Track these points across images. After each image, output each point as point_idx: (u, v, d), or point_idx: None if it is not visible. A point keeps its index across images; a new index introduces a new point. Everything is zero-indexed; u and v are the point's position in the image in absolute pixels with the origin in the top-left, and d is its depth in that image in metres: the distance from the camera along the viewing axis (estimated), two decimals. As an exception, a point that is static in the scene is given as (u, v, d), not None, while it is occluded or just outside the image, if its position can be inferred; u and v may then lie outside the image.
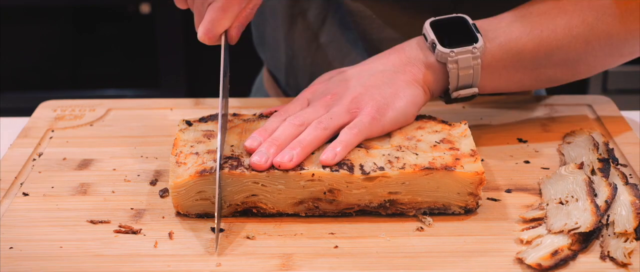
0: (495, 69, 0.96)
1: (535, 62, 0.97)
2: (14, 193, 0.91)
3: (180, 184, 0.84)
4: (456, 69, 0.94)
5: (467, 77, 0.95)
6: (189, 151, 0.88)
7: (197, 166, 0.85)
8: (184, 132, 0.92)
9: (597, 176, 0.88)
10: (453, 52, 0.93)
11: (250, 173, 0.84)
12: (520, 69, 0.97)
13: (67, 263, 0.79)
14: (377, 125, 0.90)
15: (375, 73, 0.95)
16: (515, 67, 0.96)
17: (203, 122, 0.94)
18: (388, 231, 0.84)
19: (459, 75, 0.94)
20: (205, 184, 0.84)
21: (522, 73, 0.98)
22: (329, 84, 0.96)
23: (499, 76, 0.97)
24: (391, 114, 0.91)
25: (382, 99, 0.91)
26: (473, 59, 0.93)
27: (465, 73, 0.94)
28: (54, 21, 2.36)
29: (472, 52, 0.93)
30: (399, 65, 0.95)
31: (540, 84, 1.01)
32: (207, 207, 0.85)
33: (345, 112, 0.90)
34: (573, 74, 1.00)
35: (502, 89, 1.00)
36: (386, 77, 0.94)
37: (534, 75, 0.98)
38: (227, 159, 0.86)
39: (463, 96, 0.96)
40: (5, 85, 2.32)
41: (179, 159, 0.86)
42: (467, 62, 0.93)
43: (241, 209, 0.86)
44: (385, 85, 0.93)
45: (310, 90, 0.97)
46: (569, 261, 0.78)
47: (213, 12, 0.90)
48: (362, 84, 0.93)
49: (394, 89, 0.93)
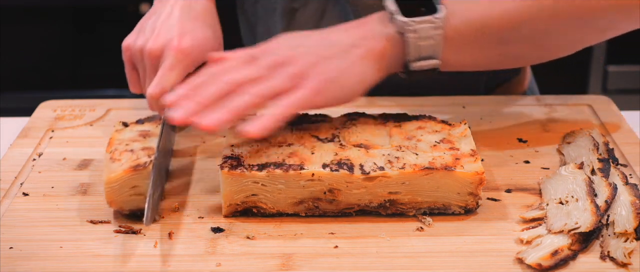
0: (460, 42, 0.92)
1: (501, 37, 0.93)
2: (14, 193, 0.91)
3: (113, 179, 0.83)
4: (416, 38, 0.90)
5: (428, 48, 0.91)
6: (124, 149, 0.88)
7: (131, 161, 0.85)
8: (120, 133, 0.92)
9: (597, 176, 0.88)
10: (413, 21, 0.90)
11: (250, 173, 0.84)
12: (486, 44, 0.93)
13: (67, 263, 0.79)
14: (317, 100, 0.87)
15: (330, 45, 0.91)
16: (480, 41, 0.93)
17: (139, 123, 0.95)
18: (388, 231, 0.84)
19: (418, 46, 0.91)
20: (139, 179, 0.84)
21: (488, 48, 0.94)
22: (281, 45, 0.91)
23: (464, 51, 0.93)
24: (336, 90, 0.88)
25: (330, 73, 0.88)
26: (434, 28, 0.90)
27: (426, 43, 0.91)
28: (54, 21, 2.36)
29: (432, 22, 0.90)
30: (357, 39, 0.91)
31: (508, 61, 0.98)
32: (141, 202, 0.85)
33: (288, 81, 0.87)
34: (543, 51, 0.96)
35: (468, 66, 0.97)
36: (341, 50, 0.90)
37: (500, 50, 0.94)
38: (227, 158, 0.86)
39: (423, 68, 0.92)
40: (5, 85, 2.32)
41: (113, 156, 0.86)
42: (427, 32, 0.90)
43: (241, 208, 0.86)
44: (336, 59, 0.89)
45: (261, 48, 0.91)
46: (569, 261, 0.78)
47: (162, 70, 0.93)
48: (314, 53, 0.89)
49: (345, 64, 0.89)
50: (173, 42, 0.95)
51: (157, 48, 0.96)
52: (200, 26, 0.99)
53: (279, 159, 0.86)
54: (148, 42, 0.97)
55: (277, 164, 0.85)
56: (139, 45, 0.98)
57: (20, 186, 0.92)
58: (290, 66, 0.88)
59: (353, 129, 0.92)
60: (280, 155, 0.86)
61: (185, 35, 0.96)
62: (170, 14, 0.99)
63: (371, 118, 0.95)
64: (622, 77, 2.28)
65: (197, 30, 0.98)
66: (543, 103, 1.12)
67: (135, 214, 0.85)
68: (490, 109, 1.10)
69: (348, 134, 0.91)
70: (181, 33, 0.96)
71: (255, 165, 0.85)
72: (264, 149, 0.88)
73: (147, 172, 0.83)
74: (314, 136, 0.90)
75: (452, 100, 1.12)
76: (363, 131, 0.92)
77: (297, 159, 0.86)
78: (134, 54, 0.99)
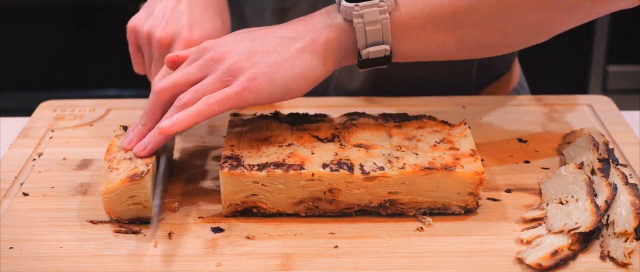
0: (411, 28, 0.89)
1: (455, 21, 0.89)
2: (14, 193, 0.91)
3: (111, 190, 0.83)
4: (362, 23, 0.87)
5: (376, 33, 0.88)
6: (123, 157, 0.88)
7: (129, 170, 0.85)
8: (120, 138, 0.92)
9: (597, 176, 0.88)
10: (358, 5, 0.87)
11: (250, 173, 0.84)
12: (440, 29, 0.89)
13: (67, 263, 0.79)
14: (246, 96, 0.85)
15: (271, 39, 0.88)
16: (433, 26, 0.89)
17: None
18: (388, 231, 0.84)
19: (366, 32, 0.87)
20: (136, 189, 0.83)
21: (443, 34, 0.90)
22: (222, 41, 0.90)
23: (417, 37, 0.90)
24: (268, 86, 0.86)
25: (264, 68, 0.86)
26: (380, 13, 0.87)
27: (373, 28, 0.88)
28: (54, 21, 2.36)
29: (379, 6, 0.87)
30: (301, 32, 0.89)
31: (468, 49, 0.93)
32: (139, 211, 0.84)
33: (217, 82, 0.86)
34: (505, 37, 0.91)
35: (425, 55, 0.93)
36: (280, 44, 0.88)
37: (457, 36, 0.90)
38: (227, 158, 0.86)
39: (374, 56, 0.89)
40: (5, 85, 2.32)
41: (111, 165, 0.86)
42: (373, 16, 0.87)
43: (241, 208, 0.86)
44: (274, 53, 0.87)
45: (204, 45, 0.90)
46: (569, 261, 0.78)
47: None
48: (249, 49, 0.87)
49: (282, 59, 0.87)
50: (183, 32, 0.94)
51: (166, 37, 0.95)
52: (210, 16, 0.98)
53: (279, 159, 0.86)
54: (157, 30, 0.96)
55: (277, 164, 0.85)
56: (146, 30, 0.97)
57: (20, 186, 0.92)
58: (221, 65, 0.86)
59: (353, 129, 0.92)
60: (280, 155, 0.86)
61: (195, 26, 0.95)
62: (179, 0, 0.98)
63: (371, 118, 0.95)
64: (622, 77, 2.28)
65: (206, 20, 0.97)
66: (543, 103, 1.12)
67: (134, 221, 0.85)
68: (490, 109, 1.10)
69: (348, 134, 0.91)
70: (191, 23, 0.95)
71: (255, 165, 0.85)
72: (264, 149, 0.88)
73: (145, 181, 0.83)
74: (314, 136, 0.90)
75: (452, 101, 1.12)
76: (363, 131, 0.92)
77: (297, 159, 0.86)
78: (141, 38, 0.98)
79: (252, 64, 0.86)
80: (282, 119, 0.94)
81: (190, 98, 0.85)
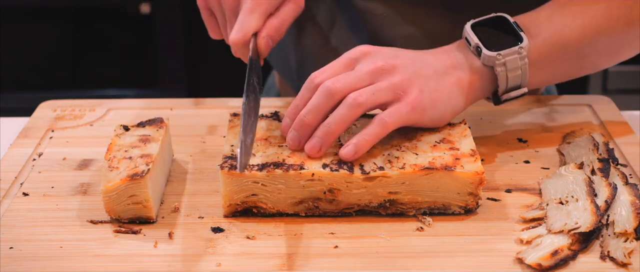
0: (542, 64, 0.94)
1: (580, 52, 0.95)
2: (14, 193, 0.91)
3: (111, 189, 0.83)
4: (505, 71, 0.91)
5: (516, 78, 0.92)
6: (123, 156, 0.87)
7: (129, 170, 0.84)
8: (120, 137, 0.91)
9: (597, 176, 0.88)
10: (500, 54, 0.90)
11: (250, 173, 0.84)
12: (566, 61, 0.95)
13: (67, 263, 0.79)
14: (413, 118, 0.87)
15: (427, 65, 0.90)
16: (560, 59, 0.95)
17: (141, 127, 0.94)
18: (388, 231, 0.84)
19: (508, 78, 0.92)
20: (136, 188, 0.83)
21: (568, 64, 0.96)
22: (381, 52, 0.90)
23: (545, 71, 0.95)
24: (431, 112, 0.88)
25: (429, 94, 0.88)
26: (520, 59, 0.91)
27: (514, 74, 0.92)
28: (54, 21, 2.36)
29: (519, 53, 0.91)
30: (447, 67, 0.92)
31: (584, 71, 1.00)
32: (139, 211, 0.84)
33: (390, 91, 0.86)
34: (617, 59, 0.99)
35: (549, 82, 1.00)
36: (436, 72, 0.90)
37: (579, 64, 0.97)
38: (227, 158, 0.86)
39: (513, 97, 0.94)
40: (5, 85, 2.32)
41: (111, 164, 0.86)
42: (515, 64, 0.91)
43: (241, 208, 0.86)
44: (433, 81, 0.89)
45: (359, 50, 0.90)
46: (569, 261, 0.78)
47: (242, 15, 0.92)
48: (414, 68, 0.89)
49: (441, 88, 0.89)
50: None
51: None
52: None
53: (279, 159, 0.86)
54: None
55: (277, 164, 0.85)
56: None
57: (20, 186, 0.92)
58: (394, 76, 0.87)
59: (353, 129, 0.92)
60: (280, 155, 0.86)
61: None
62: None
63: (371, 118, 0.95)
64: (622, 77, 2.28)
65: None
66: (543, 103, 1.12)
67: (134, 221, 0.85)
68: (490, 109, 1.10)
69: (348, 134, 0.91)
70: None
71: (255, 165, 0.85)
72: (264, 149, 0.88)
73: (145, 181, 0.83)
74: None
75: (452, 100, 1.12)
76: (363, 131, 0.92)
77: (297, 159, 0.86)
78: (210, 0, 0.98)
79: (419, 87, 0.88)
80: (282, 119, 0.94)
81: (366, 99, 0.85)
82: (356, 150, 0.84)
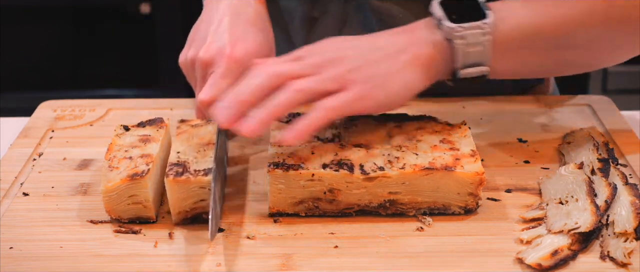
0: (510, 49, 0.91)
1: (554, 44, 0.91)
2: (14, 193, 0.91)
3: (111, 189, 0.83)
4: (464, 44, 0.89)
5: (476, 54, 0.89)
6: (123, 156, 0.87)
7: (129, 170, 0.84)
8: (120, 137, 0.91)
9: (597, 176, 0.88)
10: (460, 27, 0.88)
11: (196, 179, 0.82)
12: (538, 51, 0.91)
13: (67, 263, 0.79)
14: (359, 105, 0.85)
15: (376, 49, 0.89)
16: (532, 47, 0.91)
17: (141, 127, 0.94)
18: (388, 231, 0.84)
19: (466, 52, 0.89)
20: (136, 188, 0.83)
21: (541, 55, 0.92)
22: (327, 47, 0.89)
23: (515, 57, 0.92)
24: (380, 96, 0.86)
25: (376, 78, 0.86)
26: (482, 34, 0.88)
27: (474, 50, 0.89)
28: (54, 21, 2.36)
29: (481, 28, 0.88)
30: (404, 45, 0.89)
31: (560, 68, 0.97)
32: (139, 211, 0.84)
33: (335, 81, 0.85)
34: (597, 58, 0.95)
35: (519, 73, 0.95)
36: (387, 54, 0.88)
37: (553, 58, 0.93)
38: (173, 165, 0.85)
39: (472, 75, 0.90)
40: (5, 85, 2.32)
41: (111, 164, 0.86)
42: (475, 38, 0.89)
43: (190, 215, 0.85)
44: (383, 63, 0.87)
45: (306, 49, 0.89)
46: (569, 261, 0.78)
47: (213, 78, 0.88)
48: (360, 56, 0.87)
49: (391, 70, 0.87)
50: (225, 50, 0.92)
51: (209, 57, 0.92)
52: (252, 32, 0.96)
53: (279, 159, 0.86)
54: (200, 52, 0.93)
55: (277, 164, 0.85)
56: (191, 56, 0.95)
57: (21, 186, 0.93)
58: (336, 67, 0.86)
59: (353, 129, 0.92)
60: (280, 155, 0.86)
61: (238, 42, 0.93)
62: (220, 21, 0.96)
63: (371, 118, 0.95)
64: (622, 77, 2.28)
65: (249, 36, 0.94)
66: (543, 103, 1.12)
67: (134, 221, 0.85)
68: (490, 109, 1.10)
69: (348, 134, 0.91)
70: (233, 41, 0.93)
71: (201, 170, 0.84)
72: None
73: (145, 181, 0.83)
74: (314, 136, 0.90)
75: (452, 101, 1.12)
76: (363, 131, 0.92)
77: (297, 159, 0.86)
78: (188, 67, 0.96)
79: (365, 73, 0.86)
80: (281, 119, 0.94)
81: (309, 87, 0.83)
82: (295, 135, 0.82)
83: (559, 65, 0.95)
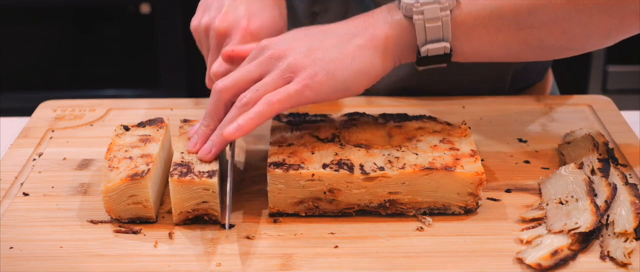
0: (472, 27, 0.88)
1: (518, 21, 0.88)
2: (14, 193, 0.91)
3: (111, 189, 0.83)
4: (422, 20, 0.87)
5: (436, 30, 0.87)
6: (123, 156, 0.87)
7: (129, 170, 0.84)
8: (120, 137, 0.91)
9: (597, 176, 0.88)
10: (418, 2, 0.86)
11: (200, 180, 0.83)
12: (503, 29, 0.88)
13: (67, 263, 0.79)
14: (308, 94, 0.84)
15: (331, 35, 0.88)
16: (495, 26, 0.88)
17: (141, 127, 0.94)
18: (388, 231, 0.84)
19: (425, 28, 0.87)
20: (137, 188, 0.83)
21: (506, 34, 0.89)
22: (280, 39, 0.89)
23: (479, 37, 0.89)
24: (330, 82, 0.85)
25: (325, 65, 0.85)
26: (441, 10, 0.87)
27: (433, 25, 0.87)
28: (54, 21, 2.36)
29: (439, 3, 0.87)
30: (360, 28, 0.88)
31: (532, 51, 0.92)
32: (139, 211, 0.84)
33: (278, 79, 0.85)
34: (569, 39, 0.90)
35: (487, 55, 0.92)
36: (340, 41, 0.87)
37: (520, 37, 0.89)
38: (177, 165, 0.85)
39: (434, 54, 0.88)
40: (5, 85, 2.32)
41: (111, 164, 0.86)
42: (433, 13, 0.87)
43: (192, 216, 0.85)
44: (334, 50, 0.86)
45: (264, 42, 0.90)
46: (569, 260, 0.78)
47: None
48: (309, 46, 0.86)
49: (343, 55, 0.86)
50: (241, 22, 0.93)
51: (224, 27, 0.94)
52: (268, 6, 0.96)
53: (279, 159, 0.86)
54: (215, 20, 0.94)
55: (276, 164, 0.85)
56: (205, 23, 0.96)
57: (21, 186, 0.93)
58: (281, 62, 0.86)
59: (353, 129, 0.92)
60: (280, 155, 0.86)
61: (254, 16, 0.94)
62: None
63: (371, 118, 0.95)
64: (622, 77, 2.28)
65: (265, 10, 0.95)
66: (543, 103, 1.12)
67: (134, 221, 0.85)
68: (490, 109, 1.10)
69: (348, 134, 0.91)
70: (249, 14, 0.94)
71: (206, 172, 0.84)
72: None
73: (145, 181, 0.83)
74: (314, 136, 0.91)
75: (452, 101, 1.12)
76: (363, 131, 0.92)
77: (297, 159, 0.86)
78: (201, 34, 0.97)
79: (312, 61, 0.85)
80: (281, 119, 0.94)
81: (251, 97, 0.84)
82: (238, 128, 0.83)
83: (531, 47, 0.91)
